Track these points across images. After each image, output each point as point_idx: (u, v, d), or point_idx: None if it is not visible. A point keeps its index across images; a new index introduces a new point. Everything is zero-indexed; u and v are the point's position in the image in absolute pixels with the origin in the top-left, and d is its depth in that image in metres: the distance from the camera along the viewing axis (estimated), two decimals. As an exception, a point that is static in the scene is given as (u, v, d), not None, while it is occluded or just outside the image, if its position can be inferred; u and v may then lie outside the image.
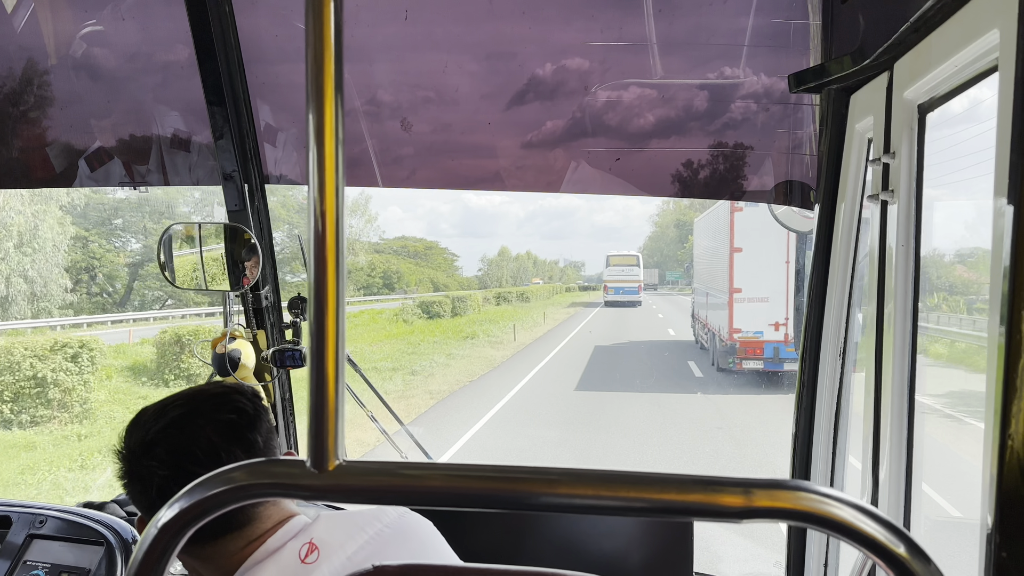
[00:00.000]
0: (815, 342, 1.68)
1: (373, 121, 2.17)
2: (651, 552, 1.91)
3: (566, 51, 2.00)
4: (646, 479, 0.62)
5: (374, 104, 2.16)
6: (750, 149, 2.00)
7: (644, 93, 2.00)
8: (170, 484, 1.17)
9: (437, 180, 2.26)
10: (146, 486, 1.20)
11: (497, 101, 2.11)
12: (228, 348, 2.22)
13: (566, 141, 2.12)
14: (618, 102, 2.04)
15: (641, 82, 1.99)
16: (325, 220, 0.61)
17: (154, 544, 0.64)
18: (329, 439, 0.62)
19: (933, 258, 9.08)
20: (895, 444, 1.30)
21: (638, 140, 2.07)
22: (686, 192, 2.12)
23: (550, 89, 2.05)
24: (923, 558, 0.57)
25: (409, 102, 2.14)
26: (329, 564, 1.18)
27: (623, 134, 2.08)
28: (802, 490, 0.59)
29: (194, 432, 1.21)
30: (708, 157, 2.06)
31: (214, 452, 1.20)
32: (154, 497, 1.19)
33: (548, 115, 2.09)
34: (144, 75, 2.25)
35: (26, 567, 1.93)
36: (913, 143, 1.28)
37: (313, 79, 0.61)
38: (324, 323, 0.61)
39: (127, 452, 1.23)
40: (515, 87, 2.06)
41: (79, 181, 2.40)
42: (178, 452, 1.19)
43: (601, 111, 2.06)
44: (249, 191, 2.26)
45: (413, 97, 2.14)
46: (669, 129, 2.03)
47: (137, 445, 1.21)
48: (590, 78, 2.01)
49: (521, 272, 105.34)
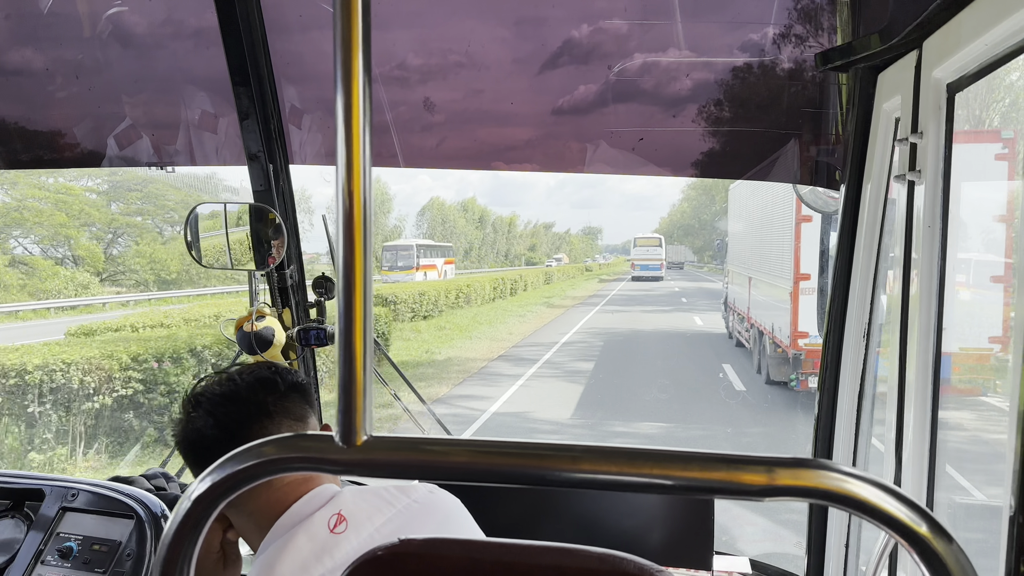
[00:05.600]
0: (839, 323, 1.68)
1: (397, 93, 2.16)
2: (672, 530, 1.92)
3: (595, 16, 1.97)
4: (669, 456, 0.62)
5: (396, 74, 2.15)
6: (775, 128, 1.98)
7: (668, 72, 1.99)
8: (214, 431, 1.28)
9: (464, 155, 2.26)
10: (192, 438, 1.30)
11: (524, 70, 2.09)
12: (258, 327, 2.25)
13: (588, 122, 2.11)
14: (640, 83, 2.02)
15: (665, 60, 1.98)
16: (353, 199, 0.62)
17: (188, 516, 0.66)
18: (357, 414, 0.63)
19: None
20: (919, 425, 1.30)
21: (661, 120, 2.05)
22: (710, 172, 2.10)
23: (574, 64, 2.03)
24: (945, 537, 0.58)
25: (436, 70, 2.13)
26: (357, 535, 1.21)
27: (645, 115, 2.06)
28: (825, 469, 0.60)
29: (234, 385, 1.32)
30: (732, 136, 2.05)
31: (252, 397, 1.31)
32: (199, 447, 1.29)
33: (573, 85, 2.07)
34: (170, 55, 2.27)
35: (59, 539, 1.98)
36: (941, 123, 1.26)
37: (342, 58, 0.62)
38: (352, 300, 0.62)
39: (180, 412, 1.34)
40: (540, 58, 2.04)
41: (108, 161, 2.44)
42: (220, 403, 1.30)
43: (622, 92, 2.05)
44: (274, 171, 2.28)
45: (442, 63, 2.12)
46: (693, 108, 2.01)
47: (187, 400, 1.33)
48: (611, 59, 1.99)
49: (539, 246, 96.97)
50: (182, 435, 1.33)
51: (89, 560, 1.93)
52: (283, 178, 2.31)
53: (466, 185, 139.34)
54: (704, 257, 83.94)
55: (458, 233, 74.16)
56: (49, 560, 1.95)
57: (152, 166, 2.40)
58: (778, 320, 12.76)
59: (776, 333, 12.86)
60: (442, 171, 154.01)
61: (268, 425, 1.27)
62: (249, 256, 2.32)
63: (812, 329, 11.42)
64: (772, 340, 13.16)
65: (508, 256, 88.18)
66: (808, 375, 11.78)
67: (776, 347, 12.92)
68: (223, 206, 2.33)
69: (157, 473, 2.28)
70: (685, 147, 2.10)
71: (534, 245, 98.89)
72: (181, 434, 1.33)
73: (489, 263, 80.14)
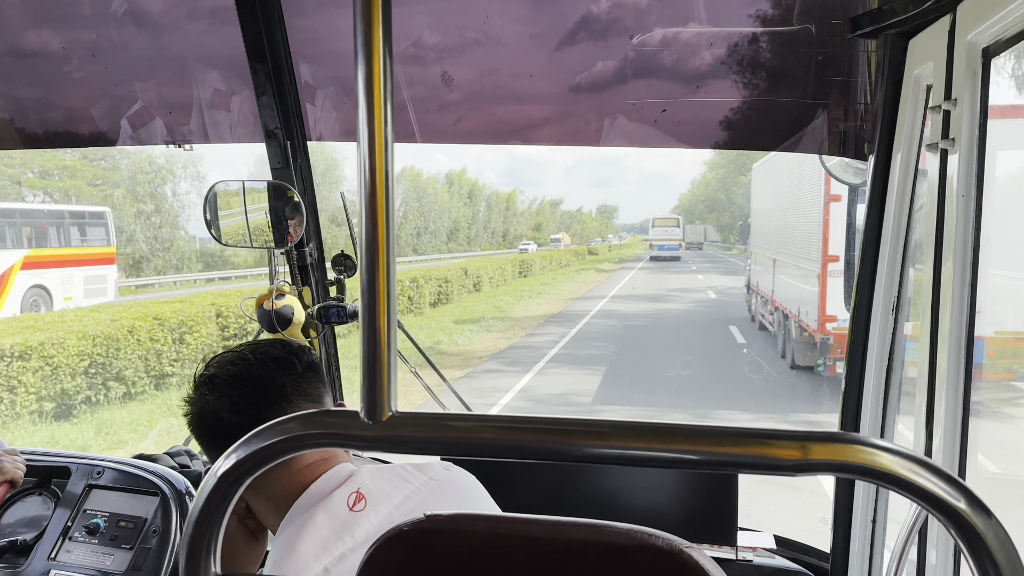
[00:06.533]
0: (867, 295, 1.65)
1: (414, 69, 2.14)
2: (696, 507, 1.91)
3: None
4: (699, 432, 0.61)
5: (418, 49, 2.12)
6: (802, 99, 1.94)
7: (691, 40, 1.95)
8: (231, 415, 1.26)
9: (481, 132, 2.23)
10: (208, 422, 1.28)
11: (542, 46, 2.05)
12: (277, 305, 2.25)
13: (606, 98, 2.08)
14: (662, 52, 1.98)
15: (688, 29, 1.94)
16: (375, 176, 0.61)
17: (213, 493, 0.65)
18: (383, 390, 0.63)
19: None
20: (951, 399, 1.27)
21: (684, 90, 2.01)
22: (734, 144, 2.07)
23: (592, 39, 2.00)
24: (984, 512, 0.56)
25: (454, 46, 2.10)
26: (376, 513, 1.21)
27: (668, 85, 2.03)
28: (859, 443, 0.58)
29: (248, 365, 1.29)
30: (757, 107, 2.01)
31: (270, 379, 1.28)
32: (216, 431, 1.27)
33: (593, 60, 2.04)
34: (185, 33, 2.25)
35: (86, 515, 2.01)
36: (976, 88, 1.23)
37: (362, 34, 0.60)
38: (376, 278, 0.61)
39: (192, 391, 1.31)
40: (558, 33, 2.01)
41: (122, 140, 2.44)
42: (235, 384, 1.27)
43: (642, 67, 2.01)
44: (292, 148, 2.27)
45: (459, 40, 2.09)
46: (717, 77, 1.97)
47: (200, 381, 1.30)
48: (631, 33, 1.95)
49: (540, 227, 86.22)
50: (197, 418, 1.30)
51: (116, 536, 1.95)
52: (300, 155, 2.30)
53: (483, 165, 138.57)
54: (730, 237, 73.18)
55: (439, 210, 64.04)
56: (76, 536, 1.98)
57: (168, 144, 2.39)
58: (804, 303, 12.23)
59: (803, 317, 12.34)
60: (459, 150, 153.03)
61: (287, 408, 1.26)
62: (268, 234, 2.32)
63: (841, 313, 10.83)
64: (798, 324, 12.65)
65: (507, 237, 78.45)
66: (836, 360, 11.23)
67: (802, 331, 12.42)
68: (241, 184, 2.32)
69: (181, 451, 2.30)
70: (707, 119, 2.06)
71: (539, 224, 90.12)
72: (196, 416, 1.30)
73: (482, 245, 71.69)
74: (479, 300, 25.62)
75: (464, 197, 70.61)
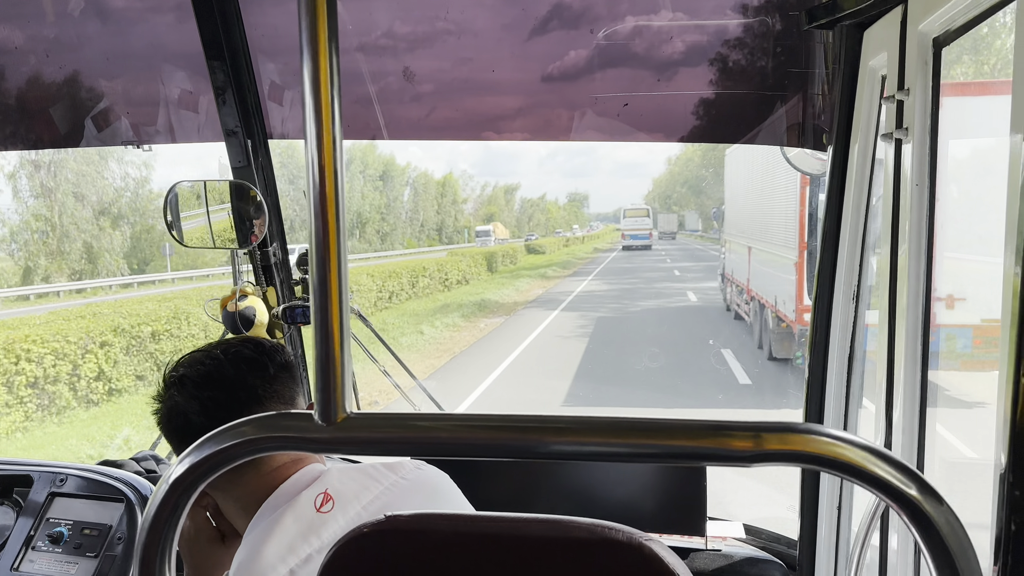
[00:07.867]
0: (828, 285, 1.67)
1: (377, 65, 2.12)
2: (665, 499, 1.92)
3: None
4: (655, 425, 0.61)
5: (382, 43, 2.09)
6: (762, 91, 1.95)
7: (652, 35, 1.95)
8: (200, 418, 1.23)
9: (452, 125, 2.21)
10: (177, 423, 1.26)
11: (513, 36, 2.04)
12: (240, 306, 2.22)
13: (576, 89, 2.07)
14: (628, 48, 1.98)
15: (649, 23, 1.94)
16: (324, 173, 0.60)
17: (167, 499, 0.64)
18: (336, 391, 0.62)
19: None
20: (909, 387, 1.29)
21: (648, 85, 2.02)
22: (697, 136, 2.08)
23: (564, 29, 1.99)
24: (936, 499, 0.57)
25: (422, 39, 2.07)
26: (344, 514, 1.20)
27: (634, 80, 2.03)
28: (813, 433, 0.59)
29: (219, 365, 1.26)
30: (719, 100, 2.02)
31: (241, 381, 1.26)
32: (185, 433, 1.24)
33: (563, 51, 2.03)
34: (148, 31, 2.21)
35: (49, 524, 1.97)
36: (928, 78, 1.24)
37: (307, 28, 0.59)
38: (327, 275, 0.61)
39: (162, 390, 1.28)
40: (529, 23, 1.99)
41: (86, 141, 2.39)
42: (205, 385, 1.25)
43: (611, 58, 2.01)
44: (252, 147, 2.24)
45: (428, 31, 2.05)
46: (679, 70, 1.98)
47: (169, 381, 1.28)
48: (601, 23, 1.95)
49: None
50: (167, 418, 1.27)
51: (80, 544, 1.92)
52: (262, 154, 2.27)
53: (456, 155, 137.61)
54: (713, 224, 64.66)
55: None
56: (40, 546, 1.94)
57: (128, 144, 2.35)
58: (781, 292, 11.61)
59: (779, 307, 11.74)
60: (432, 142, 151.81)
61: (257, 411, 1.23)
62: (231, 234, 2.29)
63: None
64: (775, 314, 12.00)
65: (443, 231, 65.48)
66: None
67: (780, 321, 11.82)
68: (203, 184, 2.29)
69: (147, 456, 2.26)
70: (671, 112, 2.07)
71: (491, 215, 78.54)
72: (166, 416, 1.27)
73: (407, 241, 58.88)
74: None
75: (374, 180, 57.33)
